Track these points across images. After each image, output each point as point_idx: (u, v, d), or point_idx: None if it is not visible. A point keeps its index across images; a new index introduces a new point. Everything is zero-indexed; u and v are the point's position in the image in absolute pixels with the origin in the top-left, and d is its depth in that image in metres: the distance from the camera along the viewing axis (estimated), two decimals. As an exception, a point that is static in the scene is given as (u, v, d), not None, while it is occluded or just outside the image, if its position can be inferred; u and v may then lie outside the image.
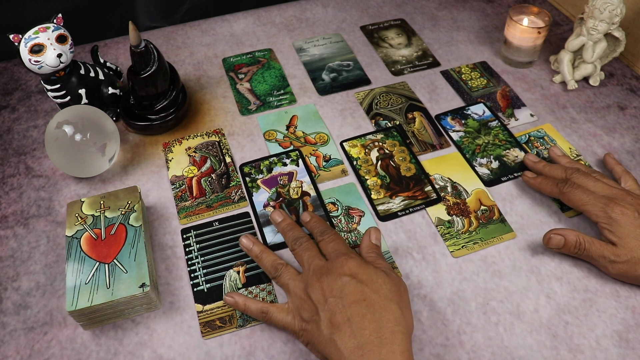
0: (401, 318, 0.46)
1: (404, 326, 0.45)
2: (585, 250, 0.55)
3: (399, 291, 0.48)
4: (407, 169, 0.68)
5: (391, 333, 0.44)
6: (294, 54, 0.86)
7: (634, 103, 0.76)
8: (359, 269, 0.49)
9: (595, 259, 0.55)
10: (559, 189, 0.59)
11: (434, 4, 0.96)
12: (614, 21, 0.71)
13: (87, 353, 0.52)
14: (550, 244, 0.57)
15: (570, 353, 0.51)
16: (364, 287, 0.47)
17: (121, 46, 0.88)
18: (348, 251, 0.52)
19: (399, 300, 0.47)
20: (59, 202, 0.65)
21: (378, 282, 0.48)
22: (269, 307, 0.52)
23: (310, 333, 0.48)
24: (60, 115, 0.62)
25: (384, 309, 0.46)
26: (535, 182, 0.63)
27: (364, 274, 0.48)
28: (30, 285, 0.57)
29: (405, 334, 0.45)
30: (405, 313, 0.47)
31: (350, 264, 0.49)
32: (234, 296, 0.54)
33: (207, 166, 0.68)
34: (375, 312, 0.45)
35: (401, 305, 0.47)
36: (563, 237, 0.56)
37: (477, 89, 0.79)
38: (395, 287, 0.48)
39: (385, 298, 0.46)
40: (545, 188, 0.62)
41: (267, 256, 0.56)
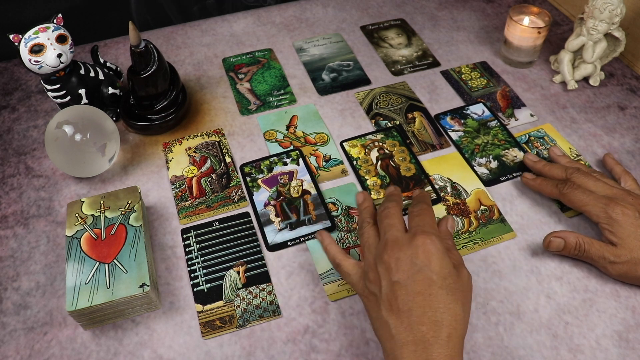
0: (461, 321, 0.43)
1: (462, 329, 0.43)
2: (585, 252, 0.55)
3: (464, 291, 0.45)
4: (407, 169, 0.68)
5: (447, 336, 0.42)
6: (294, 54, 0.86)
7: (634, 103, 0.76)
8: (434, 257, 0.45)
9: (595, 260, 0.55)
10: (559, 189, 0.59)
11: (434, 4, 0.96)
12: (614, 21, 0.71)
13: (87, 353, 0.52)
14: (550, 247, 0.57)
15: (570, 353, 0.51)
16: (433, 280, 0.44)
17: (121, 46, 0.88)
18: (432, 230, 0.47)
19: (464, 301, 0.44)
20: (59, 202, 0.65)
21: (449, 278, 0.44)
22: (343, 260, 0.52)
23: (369, 304, 0.46)
24: (60, 115, 0.62)
25: (447, 309, 0.43)
26: (535, 184, 0.63)
27: (438, 264, 0.45)
28: (30, 285, 0.57)
29: (461, 337, 0.43)
30: (466, 315, 0.45)
31: (428, 247, 0.45)
32: (323, 234, 0.57)
33: (207, 166, 0.68)
34: (437, 311, 0.43)
35: (464, 307, 0.44)
36: (563, 239, 0.56)
37: (477, 89, 0.79)
38: (463, 286, 0.45)
39: (451, 297, 0.44)
40: (545, 189, 0.62)
41: (366, 210, 0.55)
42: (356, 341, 0.52)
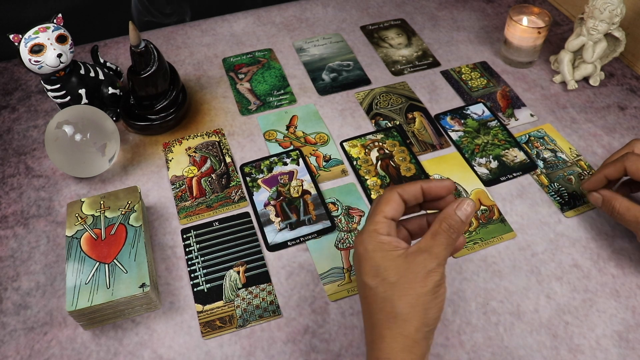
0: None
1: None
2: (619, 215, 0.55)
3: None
4: (407, 169, 0.68)
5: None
6: (294, 54, 0.86)
7: (634, 103, 0.76)
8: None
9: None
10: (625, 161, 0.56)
11: (434, 4, 0.96)
12: (614, 21, 0.71)
13: (87, 353, 0.52)
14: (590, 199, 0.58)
15: (570, 353, 0.51)
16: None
17: (121, 46, 0.88)
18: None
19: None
20: (59, 202, 0.65)
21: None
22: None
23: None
24: (60, 115, 0.62)
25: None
26: (608, 194, 0.57)
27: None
28: (30, 285, 0.57)
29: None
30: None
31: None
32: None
33: (207, 166, 0.68)
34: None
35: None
36: (601, 197, 0.57)
37: (477, 89, 0.79)
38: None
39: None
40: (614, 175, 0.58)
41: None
42: (356, 341, 0.52)
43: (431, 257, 0.40)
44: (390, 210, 0.43)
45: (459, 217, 0.42)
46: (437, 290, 0.40)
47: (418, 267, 0.40)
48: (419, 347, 0.39)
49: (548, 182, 0.66)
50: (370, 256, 0.41)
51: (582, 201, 0.64)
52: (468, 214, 0.42)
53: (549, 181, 0.66)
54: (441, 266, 0.40)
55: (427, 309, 0.39)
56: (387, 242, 0.41)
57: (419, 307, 0.39)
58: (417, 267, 0.40)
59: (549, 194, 0.65)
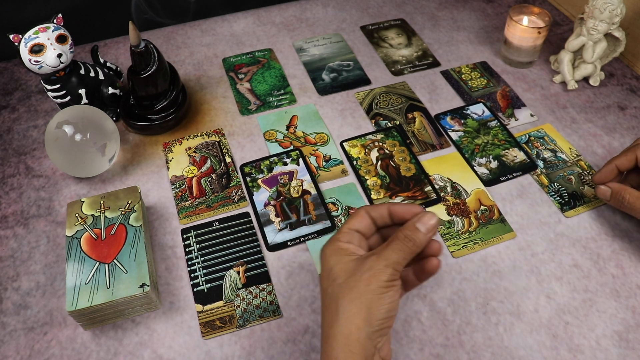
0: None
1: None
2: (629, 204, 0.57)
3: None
4: (407, 169, 0.68)
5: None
6: (294, 54, 0.86)
7: (634, 103, 0.76)
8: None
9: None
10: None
11: (434, 4, 0.96)
12: (614, 21, 0.71)
13: (87, 353, 0.52)
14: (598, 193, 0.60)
15: (570, 353, 0.51)
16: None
17: (121, 46, 0.88)
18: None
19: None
20: (59, 202, 0.65)
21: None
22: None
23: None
24: (60, 115, 0.62)
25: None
26: (617, 187, 0.58)
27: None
28: (30, 285, 0.57)
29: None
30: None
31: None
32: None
33: (207, 166, 0.68)
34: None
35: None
36: (610, 189, 0.58)
37: (477, 89, 0.79)
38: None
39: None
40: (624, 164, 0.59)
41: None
42: (356, 341, 0.52)
43: (379, 259, 0.41)
44: (354, 223, 0.45)
45: (418, 230, 0.42)
46: (383, 290, 0.40)
47: (365, 267, 0.41)
48: (360, 346, 0.39)
49: (548, 182, 0.66)
50: (326, 260, 0.43)
51: (582, 201, 0.64)
52: (429, 227, 0.42)
53: (549, 181, 0.66)
54: (389, 267, 0.41)
55: (370, 308, 0.40)
56: (344, 249, 0.43)
57: (361, 305, 0.40)
58: (363, 267, 0.41)
59: (549, 194, 0.65)
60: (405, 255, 0.42)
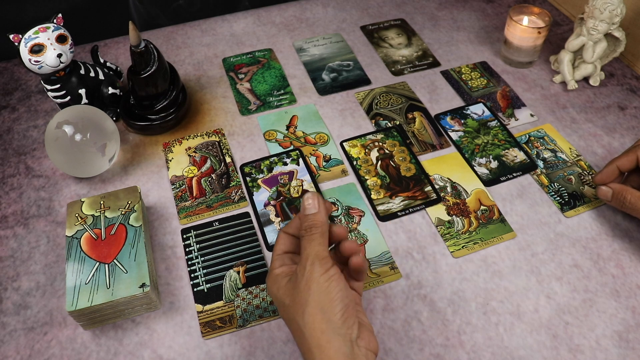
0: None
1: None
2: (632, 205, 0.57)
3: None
4: (407, 169, 0.68)
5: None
6: (294, 54, 0.86)
7: (634, 103, 0.76)
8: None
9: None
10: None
11: (434, 4, 0.96)
12: (614, 21, 0.71)
13: (87, 353, 0.52)
14: (599, 194, 0.60)
15: (570, 353, 0.51)
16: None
17: (121, 46, 0.88)
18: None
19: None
20: (59, 202, 0.65)
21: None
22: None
23: None
24: (60, 115, 0.62)
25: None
26: (618, 187, 0.59)
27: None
28: (30, 285, 0.57)
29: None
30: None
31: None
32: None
33: (207, 166, 0.68)
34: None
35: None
36: (611, 190, 0.59)
37: (477, 89, 0.79)
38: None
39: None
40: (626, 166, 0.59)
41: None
42: (356, 341, 0.52)
43: (302, 262, 0.43)
44: (279, 247, 0.48)
45: (306, 215, 0.45)
46: (323, 287, 0.41)
47: (299, 278, 0.43)
48: (333, 348, 0.40)
49: (548, 182, 0.66)
50: (273, 293, 0.45)
51: (582, 201, 0.64)
52: (310, 204, 0.46)
53: (549, 181, 0.66)
54: (315, 262, 0.43)
55: (322, 308, 0.41)
56: (279, 274, 0.45)
57: (313, 310, 0.41)
58: (298, 278, 0.43)
59: (549, 194, 0.65)
60: (318, 242, 0.44)
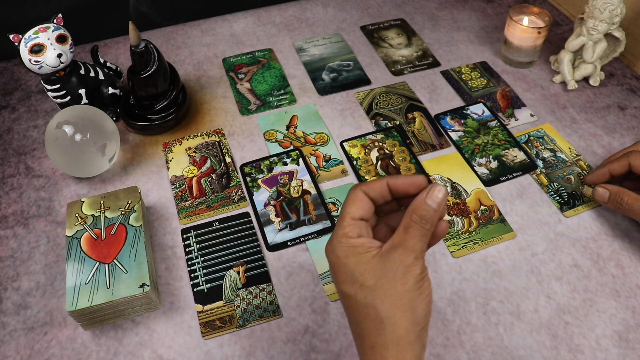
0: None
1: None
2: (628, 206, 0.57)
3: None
4: (407, 169, 0.68)
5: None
6: (294, 54, 0.86)
7: (634, 103, 0.76)
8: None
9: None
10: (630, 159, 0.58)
11: (434, 4, 0.96)
12: (614, 21, 0.71)
13: (87, 353, 0.52)
14: (596, 196, 0.60)
15: (570, 353, 0.51)
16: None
17: (121, 46, 0.88)
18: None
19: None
20: (59, 202, 0.65)
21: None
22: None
23: None
24: (60, 115, 0.62)
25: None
26: (615, 189, 0.59)
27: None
28: (30, 285, 0.57)
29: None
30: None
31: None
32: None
33: (207, 166, 0.68)
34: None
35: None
36: (608, 191, 0.58)
37: (477, 89, 0.79)
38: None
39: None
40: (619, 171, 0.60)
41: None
42: (356, 341, 0.52)
43: (407, 252, 0.37)
44: (357, 211, 0.40)
45: (430, 207, 0.38)
46: (420, 285, 0.38)
47: (395, 265, 0.37)
48: (412, 349, 0.37)
49: (548, 182, 0.66)
50: (343, 263, 0.39)
51: (581, 201, 0.64)
52: (439, 201, 0.38)
53: (549, 181, 0.66)
54: (419, 259, 0.38)
55: (413, 307, 0.37)
56: (359, 245, 0.39)
57: (405, 306, 0.37)
58: (393, 265, 0.37)
59: (549, 194, 0.65)
60: (426, 240, 0.38)
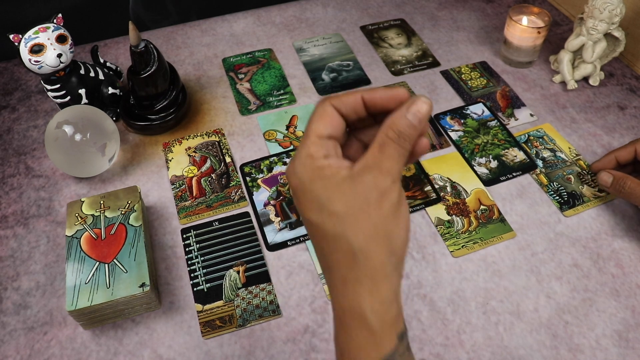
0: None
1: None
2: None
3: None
4: (406, 169, 0.68)
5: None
6: (294, 54, 0.86)
7: (633, 103, 0.76)
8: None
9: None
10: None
11: (434, 4, 0.96)
12: (613, 21, 0.71)
13: (87, 353, 0.52)
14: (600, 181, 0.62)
15: (570, 353, 0.51)
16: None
17: (121, 46, 0.88)
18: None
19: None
20: (59, 202, 0.65)
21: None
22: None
23: None
24: (60, 115, 0.62)
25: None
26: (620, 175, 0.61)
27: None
28: (30, 285, 0.57)
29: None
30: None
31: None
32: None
33: (207, 166, 0.68)
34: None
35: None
36: (612, 176, 0.60)
37: (477, 89, 0.79)
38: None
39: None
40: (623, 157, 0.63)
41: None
42: (356, 341, 0.52)
43: (382, 175, 0.32)
44: (324, 128, 0.34)
45: (410, 122, 0.32)
46: (396, 211, 0.32)
47: (368, 189, 0.32)
48: (388, 282, 0.32)
49: (547, 182, 0.66)
50: (308, 188, 0.33)
51: (581, 200, 0.64)
52: (422, 116, 0.33)
53: (549, 181, 0.66)
54: (396, 182, 0.32)
55: (389, 236, 0.32)
56: (327, 167, 0.32)
57: (380, 236, 0.32)
58: (366, 189, 0.32)
59: (549, 194, 0.65)
60: (404, 160, 0.33)
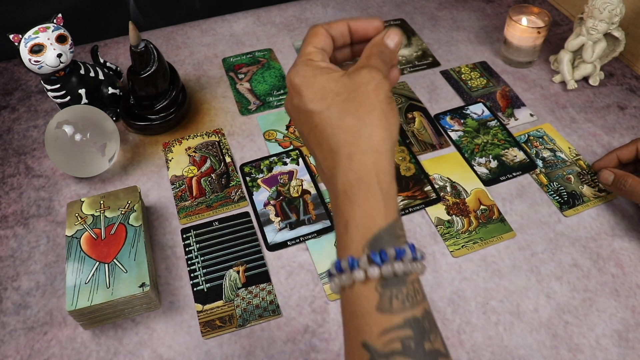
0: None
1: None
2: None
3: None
4: (406, 169, 0.68)
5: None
6: (294, 54, 0.86)
7: (633, 103, 0.76)
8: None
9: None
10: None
11: (434, 4, 0.96)
12: (613, 21, 0.71)
13: (87, 353, 0.52)
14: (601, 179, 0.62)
15: (570, 353, 0.51)
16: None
17: (121, 46, 0.88)
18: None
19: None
20: (59, 202, 0.65)
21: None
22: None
23: None
24: (60, 115, 0.62)
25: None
26: (620, 174, 0.61)
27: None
28: (30, 285, 0.57)
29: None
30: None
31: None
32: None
33: (207, 166, 0.68)
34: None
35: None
36: (614, 175, 0.60)
37: (477, 88, 0.79)
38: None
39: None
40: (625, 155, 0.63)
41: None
42: (356, 341, 0.52)
43: (374, 70, 0.37)
44: (318, 42, 0.40)
45: (388, 44, 0.40)
46: (390, 101, 0.37)
47: (366, 79, 0.37)
48: (388, 159, 0.36)
49: (547, 182, 0.66)
50: (311, 82, 0.38)
51: (581, 200, 0.64)
52: (397, 42, 0.40)
53: (548, 180, 0.66)
54: (386, 79, 0.37)
55: (387, 118, 0.36)
56: (326, 67, 0.38)
57: (379, 115, 0.36)
58: (364, 79, 0.37)
59: (549, 194, 0.65)
60: (386, 70, 0.39)
